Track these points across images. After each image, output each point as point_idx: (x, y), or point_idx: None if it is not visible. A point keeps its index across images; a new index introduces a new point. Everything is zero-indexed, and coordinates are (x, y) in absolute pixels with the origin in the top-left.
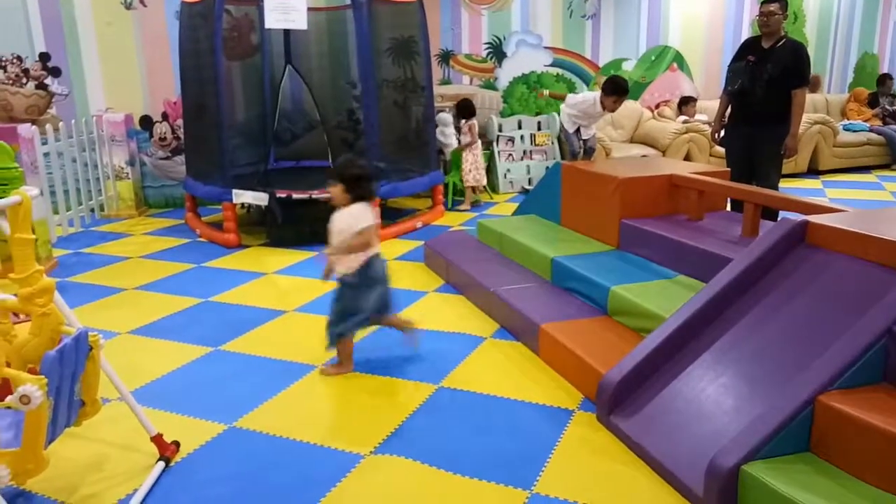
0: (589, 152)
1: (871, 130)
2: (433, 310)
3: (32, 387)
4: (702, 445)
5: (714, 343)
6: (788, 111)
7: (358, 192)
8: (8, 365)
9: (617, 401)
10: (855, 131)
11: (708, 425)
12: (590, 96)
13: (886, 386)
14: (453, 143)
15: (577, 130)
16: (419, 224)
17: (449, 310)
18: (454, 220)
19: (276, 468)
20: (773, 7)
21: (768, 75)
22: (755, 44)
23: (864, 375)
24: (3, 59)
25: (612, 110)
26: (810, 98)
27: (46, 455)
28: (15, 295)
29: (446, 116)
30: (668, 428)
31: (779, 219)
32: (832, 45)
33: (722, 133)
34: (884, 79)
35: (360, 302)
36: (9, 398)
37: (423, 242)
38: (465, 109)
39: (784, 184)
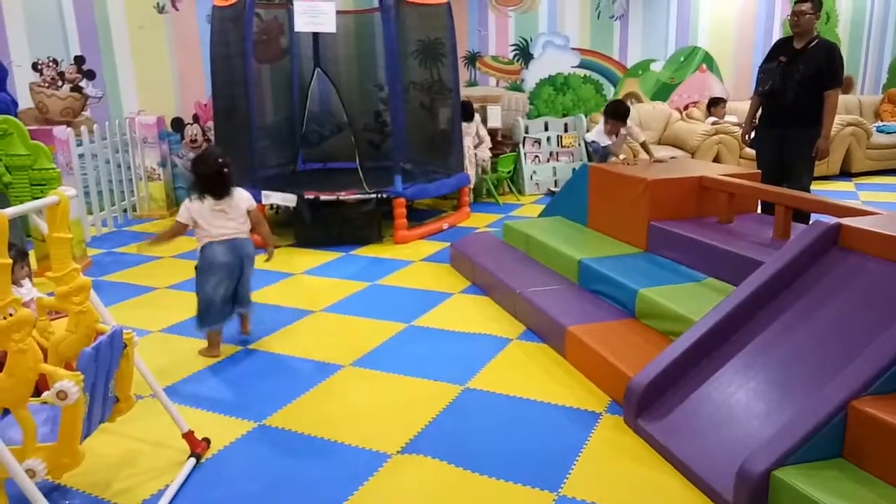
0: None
1: None
2: (459, 311)
3: (69, 382)
4: (731, 450)
5: (744, 347)
6: (820, 113)
7: (195, 184)
8: (45, 360)
9: (645, 404)
10: (889, 133)
11: (738, 430)
12: (598, 129)
13: None
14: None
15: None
16: (445, 225)
17: (475, 311)
18: (480, 222)
19: (303, 466)
20: (805, 7)
21: (800, 76)
22: (787, 44)
23: None
24: (40, 62)
25: (608, 133)
26: (843, 99)
27: (82, 450)
28: (52, 293)
29: None
30: (696, 432)
31: (811, 222)
32: (865, 46)
33: (752, 135)
34: None
35: (200, 282)
36: (46, 393)
37: (449, 244)
38: (462, 112)
39: (816, 186)
